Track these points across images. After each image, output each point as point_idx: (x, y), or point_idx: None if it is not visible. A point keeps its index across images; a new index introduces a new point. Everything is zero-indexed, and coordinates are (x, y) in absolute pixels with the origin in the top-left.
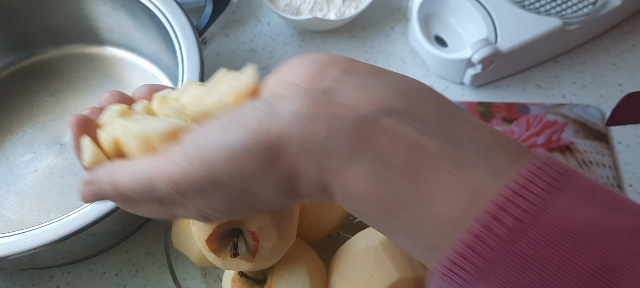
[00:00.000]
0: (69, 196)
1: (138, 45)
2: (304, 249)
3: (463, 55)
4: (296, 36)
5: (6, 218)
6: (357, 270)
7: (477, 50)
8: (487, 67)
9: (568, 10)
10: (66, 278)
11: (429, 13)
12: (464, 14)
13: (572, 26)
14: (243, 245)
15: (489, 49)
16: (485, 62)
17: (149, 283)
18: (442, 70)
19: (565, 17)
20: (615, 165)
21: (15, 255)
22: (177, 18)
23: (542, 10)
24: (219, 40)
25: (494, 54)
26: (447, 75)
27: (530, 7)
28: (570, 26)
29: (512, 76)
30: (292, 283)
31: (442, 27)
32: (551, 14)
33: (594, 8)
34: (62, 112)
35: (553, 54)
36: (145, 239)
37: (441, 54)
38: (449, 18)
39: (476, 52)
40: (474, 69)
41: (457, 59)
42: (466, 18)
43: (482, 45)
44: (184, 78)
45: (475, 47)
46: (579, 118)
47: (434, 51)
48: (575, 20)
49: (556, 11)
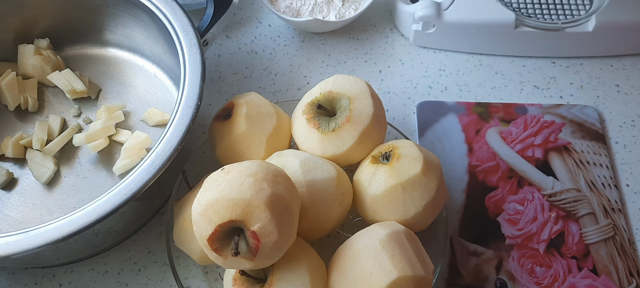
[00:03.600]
0: (72, 195)
1: (140, 47)
2: (304, 248)
3: (412, 8)
4: (296, 37)
5: (9, 218)
6: (356, 268)
7: (421, 8)
8: (428, 28)
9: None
10: (69, 277)
11: None
12: None
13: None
14: (244, 244)
15: (431, 9)
16: (426, 22)
17: (150, 282)
18: (397, 21)
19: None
20: (613, 165)
21: (18, 254)
22: (179, 19)
23: (509, 2)
24: (220, 41)
25: (435, 18)
26: (399, 27)
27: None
28: (523, 27)
29: None
30: (293, 281)
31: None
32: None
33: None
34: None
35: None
36: (147, 238)
37: (400, 6)
38: None
39: (420, 8)
40: (416, 25)
41: (406, 11)
42: None
43: (428, 4)
44: (186, 79)
45: (423, 5)
46: (576, 118)
47: (399, 5)
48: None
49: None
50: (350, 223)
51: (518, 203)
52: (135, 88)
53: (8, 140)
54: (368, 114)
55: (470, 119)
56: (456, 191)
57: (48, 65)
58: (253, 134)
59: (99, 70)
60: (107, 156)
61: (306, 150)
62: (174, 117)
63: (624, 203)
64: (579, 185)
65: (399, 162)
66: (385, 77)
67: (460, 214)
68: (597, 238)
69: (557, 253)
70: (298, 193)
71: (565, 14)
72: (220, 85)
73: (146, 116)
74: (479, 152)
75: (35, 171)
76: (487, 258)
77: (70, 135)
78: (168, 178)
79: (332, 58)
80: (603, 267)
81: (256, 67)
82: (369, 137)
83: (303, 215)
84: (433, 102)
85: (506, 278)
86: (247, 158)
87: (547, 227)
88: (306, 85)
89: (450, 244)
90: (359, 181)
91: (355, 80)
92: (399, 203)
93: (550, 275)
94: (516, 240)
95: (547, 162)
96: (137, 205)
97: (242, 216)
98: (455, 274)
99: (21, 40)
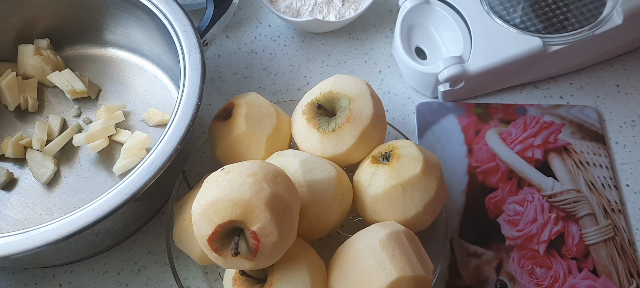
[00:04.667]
0: (72, 196)
1: (140, 47)
2: (304, 248)
3: (433, 69)
4: (296, 38)
5: (9, 218)
6: (356, 269)
7: (445, 68)
8: (456, 85)
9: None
10: (68, 277)
11: (414, 23)
12: (445, 27)
13: (555, 47)
14: (244, 244)
15: (456, 68)
16: (453, 81)
17: (150, 282)
18: (415, 82)
19: (549, 37)
20: (612, 166)
21: (18, 254)
22: (179, 19)
23: (527, 27)
24: (220, 41)
25: (462, 74)
26: (419, 88)
27: (516, 24)
28: (552, 47)
29: None
30: (293, 281)
31: (424, 39)
32: (534, 32)
33: (590, 27)
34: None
35: (540, 75)
36: (147, 238)
37: (414, 65)
38: (432, 30)
39: (444, 69)
40: (443, 86)
41: (427, 73)
42: (447, 31)
43: (451, 63)
44: (186, 79)
45: (445, 64)
46: (576, 119)
47: (408, 61)
48: (560, 41)
49: (538, 29)
50: (350, 223)
51: (518, 204)
52: (135, 88)
53: (8, 140)
54: (368, 114)
55: (470, 119)
56: (456, 192)
57: (48, 65)
58: (253, 134)
59: (99, 70)
60: (107, 156)
61: (306, 150)
62: (174, 117)
63: (623, 203)
64: (578, 185)
65: (399, 162)
66: (385, 77)
67: (460, 215)
68: (597, 239)
69: (557, 254)
70: (298, 194)
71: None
72: (220, 85)
73: (146, 116)
74: (479, 153)
75: (35, 171)
76: (487, 260)
77: (70, 135)
78: (168, 178)
79: (332, 58)
80: (603, 267)
81: (256, 67)
82: (369, 137)
83: (303, 215)
84: (432, 103)
85: (506, 279)
86: (247, 159)
87: (547, 228)
88: (306, 85)
89: (450, 245)
90: (359, 181)
91: (355, 80)
92: (399, 204)
93: (550, 276)
94: (516, 241)
95: (547, 162)
96: (137, 205)
97: (242, 216)
98: (455, 275)
99: (21, 40)
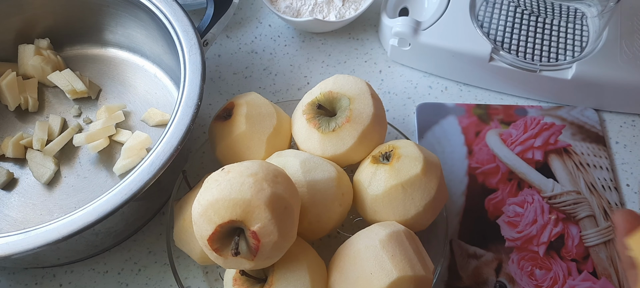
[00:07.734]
0: (72, 195)
1: (140, 47)
2: (304, 248)
3: (391, 23)
4: (297, 38)
5: (10, 218)
6: (356, 268)
7: (400, 24)
8: (404, 45)
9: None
10: (69, 277)
11: None
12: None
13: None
14: (244, 244)
15: (407, 28)
16: (400, 39)
17: (151, 282)
18: (381, 35)
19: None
20: (613, 167)
21: (19, 254)
22: (179, 19)
23: (490, 35)
24: (220, 41)
25: (411, 36)
26: (382, 41)
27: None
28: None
29: None
30: (293, 281)
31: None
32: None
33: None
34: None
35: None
36: (147, 238)
37: (382, 17)
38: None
39: (399, 24)
40: (393, 40)
41: (387, 25)
42: None
43: (406, 22)
44: (186, 79)
45: (400, 22)
46: (576, 120)
47: (382, 13)
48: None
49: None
50: (350, 223)
51: (518, 206)
52: (135, 88)
53: (8, 140)
54: (368, 114)
55: (470, 120)
56: (456, 193)
57: (48, 65)
58: (253, 134)
59: (99, 70)
60: (107, 156)
61: (306, 150)
62: (174, 117)
63: (624, 205)
64: (579, 187)
65: (399, 162)
66: (386, 77)
67: (459, 216)
68: (597, 241)
69: (557, 255)
70: (298, 193)
71: (546, 56)
72: (220, 85)
73: (146, 116)
74: (479, 154)
75: (35, 171)
76: (487, 261)
77: (71, 135)
78: (168, 178)
79: (332, 58)
80: (603, 269)
81: (256, 67)
82: (369, 137)
83: (303, 215)
84: (433, 104)
85: (506, 280)
86: (247, 158)
87: (546, 229)
88: (306, 85)
89: (450, 246)
90: (359, 181)
91: (355, 80)
92: (399, 203)
93: (550, 278)
94: (516, 243)
95: (547, 164)
96: (137, 205)
97: (243, 216)
98: (454, 277)
99: (21, 40)
